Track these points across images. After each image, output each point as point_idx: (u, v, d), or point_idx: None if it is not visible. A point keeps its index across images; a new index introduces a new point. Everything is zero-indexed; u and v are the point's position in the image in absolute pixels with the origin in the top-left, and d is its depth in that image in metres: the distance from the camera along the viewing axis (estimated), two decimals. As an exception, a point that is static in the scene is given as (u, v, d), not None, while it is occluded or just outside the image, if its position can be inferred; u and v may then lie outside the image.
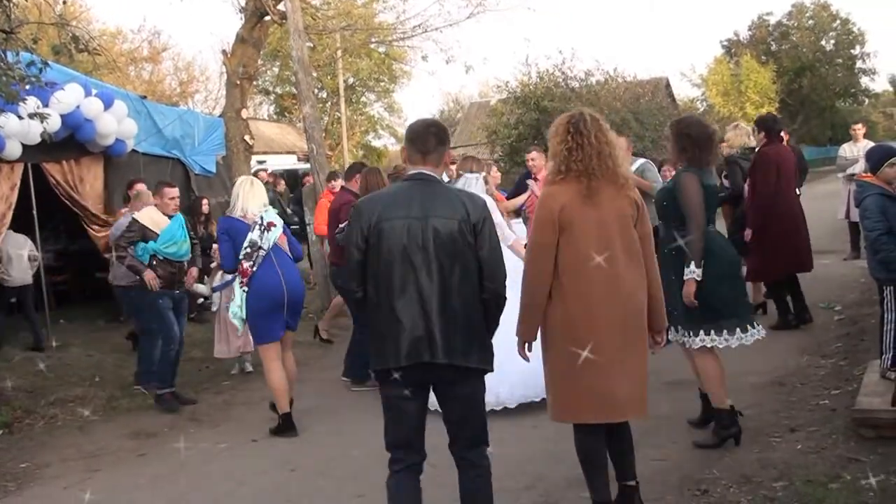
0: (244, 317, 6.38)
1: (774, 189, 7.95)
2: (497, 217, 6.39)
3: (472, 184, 6.88)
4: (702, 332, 5.20)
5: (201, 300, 10.52)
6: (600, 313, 4.01)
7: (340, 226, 7.32)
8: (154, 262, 7.36)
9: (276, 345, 6.44)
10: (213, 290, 8.80)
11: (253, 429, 6.73)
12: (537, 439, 5.73)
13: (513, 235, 6.95)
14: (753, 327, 5.33)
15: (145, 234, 7.34)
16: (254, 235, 6.34)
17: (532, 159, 9.06)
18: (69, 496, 5.60)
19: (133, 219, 7.47)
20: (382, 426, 3.94)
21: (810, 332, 8.01)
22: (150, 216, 7.44)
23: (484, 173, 7.25)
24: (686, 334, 5.27)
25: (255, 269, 6.31)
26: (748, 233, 8.21)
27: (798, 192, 8.73)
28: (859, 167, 9.14)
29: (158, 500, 5.41)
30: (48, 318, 10.00)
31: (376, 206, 3.82)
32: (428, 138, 3.88)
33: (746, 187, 8.36)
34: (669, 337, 4.84)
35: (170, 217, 7.56)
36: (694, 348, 5.27)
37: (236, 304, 6.42)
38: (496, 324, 3.91)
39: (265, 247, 6.35)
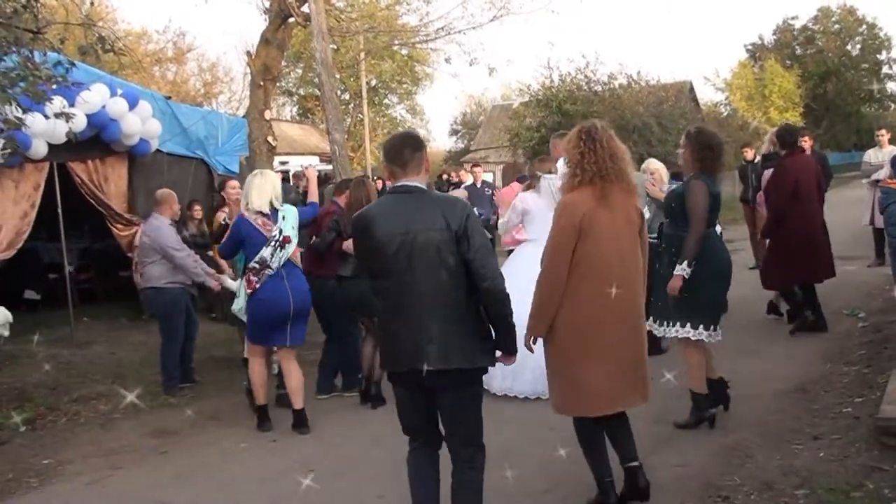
0: (243, 318, 6.61)
1: (790, 199, 7.94)
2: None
3: (554, 185, 6.86)
4: (678, 324, 5.66)
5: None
6: (611, 312, 4.32)
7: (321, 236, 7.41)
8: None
9: (264, 348, 6.72)
10: None
11: (273, 429, 6.76)
12: (557, 442, 5.70)
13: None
14: (716, 329, 5.71)
15: None
16: (265, 253, 6.30)
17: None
18: (91, 493, 5.65)
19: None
20: (402, 427, 4.19)
21: (834, 340, 7.95)
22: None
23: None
24: (667, 325, 5.74)
25: (258, 285, 6.35)
26: (765, 242, 8.49)
27: (822, 199, 8.67)
28: (884, 173, 9.06)
29: (179, 498, 5.44)
30: (72, 316, 10.07)
31: (366, 221, 4.00)
32: (403, 150, 4.04)
33: (759, 196, 8.40)
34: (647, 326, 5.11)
35: None
36: (673, 337, 5.77)
37: (240, 303, 6.57)
38: (506, 319, 3.97)
39: (273, 267, 6.33)
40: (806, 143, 9.98)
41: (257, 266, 6.31)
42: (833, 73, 50.30)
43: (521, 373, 6.65)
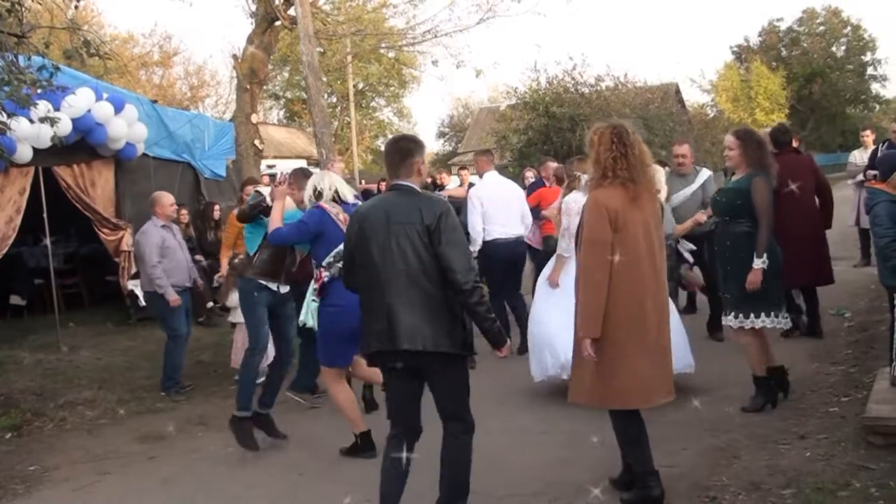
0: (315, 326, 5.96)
1: (778, 200, 7.90)
2: None
3: None
4: (752, 314, 5.98)
5: (210, 304, 10.54)
6: (646, 307, 4.44)
7: None
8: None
9: (343, 370, 6.00)
10: None
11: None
12: (548, 445, 5.73)
13: None
14: (777, 316, 6.10)
15: None
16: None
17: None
18: (77, 499, 5.62)
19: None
20: (390, 432, 4.41)
21: (820, 340, 7.98)
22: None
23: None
24: (737, 317, 6.01)
25: (328, 281, 5.66)
26: None
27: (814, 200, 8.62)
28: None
29: (167, 504, 5.42)
30: (58, 321, 10.02)
31: (360, 213, 4.48)
32: (394, 156, 4.50)
33: None
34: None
35: None
36: (745, 328, 6.01)
37: (305, 313, 6.04)
38: (475, 309, 4.27)
39: None
40: (797, 146, 9.98)
41: (333, 261, 5.64)
42: (818, 74, 50.54)
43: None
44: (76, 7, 7.72)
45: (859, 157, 11.97)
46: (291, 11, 13.66)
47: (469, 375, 4.49)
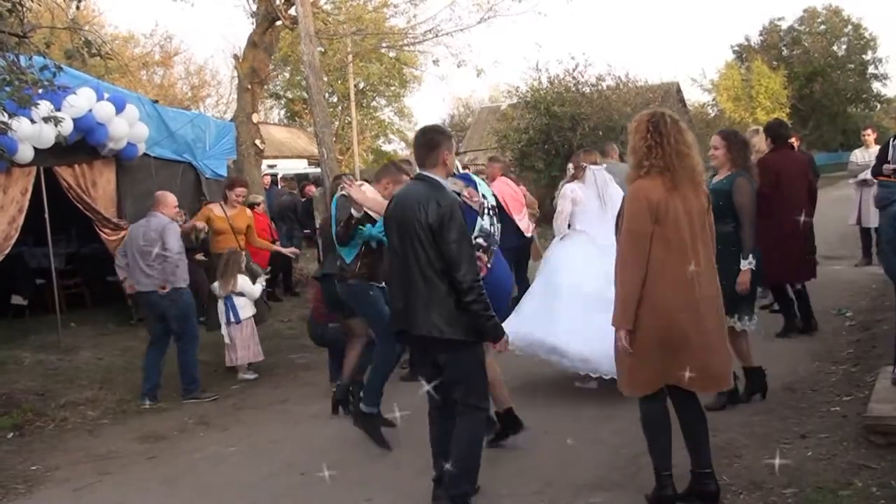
0: None
1: (769, 196, 7.91)
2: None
3: (598, 175, 7.07)
4: (746, 317, 6.09)
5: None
6: (688, 297, 4.31)
7: None
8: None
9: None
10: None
11: (261, 433, 6.75)
12: (549, 444, 5.72)
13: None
14: (752, 319, 6.19)
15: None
16: (485, 223, 5.40)
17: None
18: (78, 499, 5.62)
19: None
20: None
21: (821, 338, 7.97)
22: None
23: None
24: (731, 317, 5.90)
25: (490, 264, 5.39)
26: None
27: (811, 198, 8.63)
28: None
29: (168, 504, 5.43)
30: (59, 321, 10.03)
31: (392, 202, 4.78)
32: (419, 149, 4.71)
33: None
34: None
35: None
36: (737, 330, 6.02)
37: None
38: (471, 306, 4.39)
39: (497, 239, 5.51)
40: (793, 143, 9.99)
41: (483, 243, 5.35)
42: (819, 73, 50.57)
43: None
44: (77, 7, 7.72)
45: (860, 156, 11.95)
46: (292, 11, 13.65)
47: (483, 363, 4.64)
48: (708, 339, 4.36)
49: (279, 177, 18.63)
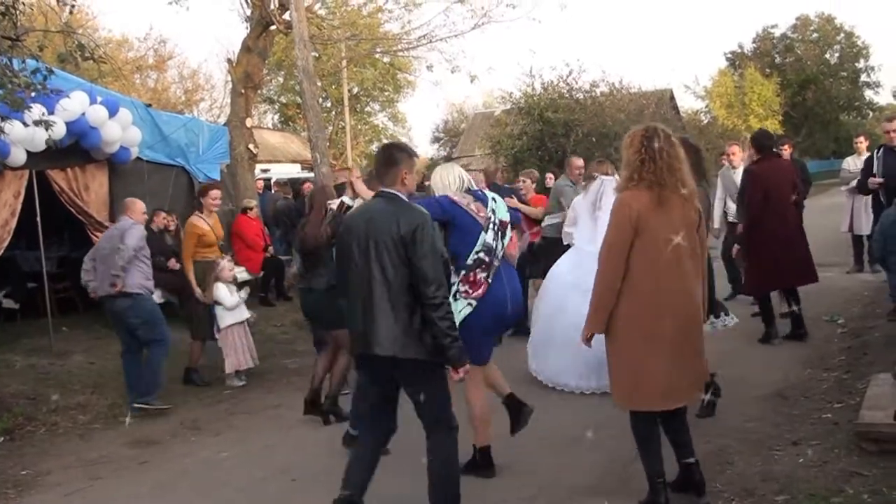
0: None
1: (760, 205, 7.96)
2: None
3: (608, 185, 7.06)
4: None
5: None
6: (666, 308, 4.37)
7: None
8: None
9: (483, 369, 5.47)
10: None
11: (254, 438, 6.73)
12: (543, 450, 5.72)
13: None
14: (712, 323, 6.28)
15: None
16: (488, 238, 5.29)
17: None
18: (69, 504, 5.61)
19: None
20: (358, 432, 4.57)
21: (813, 345, 7.99)
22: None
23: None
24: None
25: (490, 281, 5.27)
26: (735, 248, 8.78)
27: (802, 206, 8.68)
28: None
29: (159, 509, 5.41)
30: (51, 325, 9.99)
31: (348, 219, 4.66)
32: (377, 167, 4.66)
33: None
34: None
35: None
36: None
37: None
38: (437, 323, 4.26)
39: (500, 255, 5.36)
40: (786, 150, 10.03)
41: (485, 258, 5.26)
42: (812, 81, 50.73)
43: (574, 366, 6.96)
44: (70, 10, 7.71)
45: (853, 163, 11.98)
46: (286, 16, 13.65)
47: (447, 382, 4.47)
48: (683, 352, 4.42)
49: (273, 181, 18.57)
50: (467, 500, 4.67)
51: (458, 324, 4.93)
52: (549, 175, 12.57)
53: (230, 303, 8.35)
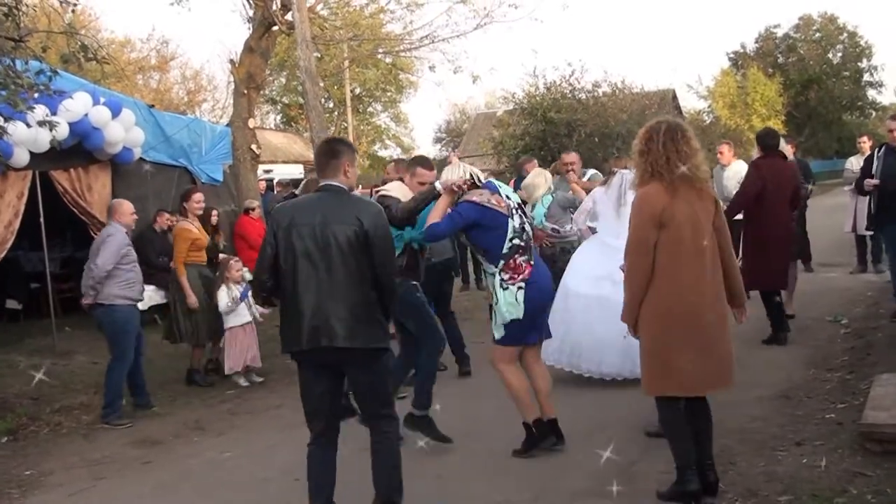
0: (520, 316, 5.44)
1: (753, 201, 7.95)
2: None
3: (624, 178, 7.18)
4: None
5: None
6: (693, 298, 4.46)
7: None
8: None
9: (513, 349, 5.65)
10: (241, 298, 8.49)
11: (256, 438, 6.73)
12: (545, 452, 5.71)
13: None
14: None
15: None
16: (515, 224, 5.46)
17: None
18: (73, 504, 5.61)
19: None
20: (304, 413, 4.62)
21: (816, 346, 7.98)
22: (402, 192, 6.18)
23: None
24: None
25: (533, 263, 5.49)
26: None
27: (806, 206, 8.67)
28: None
29: (162, 509, 5.41)
30: (54, 326, 10.01)
31: (288, 212, 4.51)
32: (320, 157, 4.64)
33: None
34: None
35: None
36: None
37: (509, 303, 5.43)
38: (391, 303, 4.57)
39: (531, 235, 5.59)
40: (789, 150, 10.03)
41: (521, 242, 5.43)
42: (815, 80, 50.64)
43: (609, 354, 7.03)
44: (73, 12, 7.72)
45: (856, 163, 11.96)
46: (289, 16, 13.66)
47: (387, 371, 4.73)
48: (708, 341, 4.50)
49: (275, 182, 18.59)
50: (471, 500, 4.69)
51: (520, 307, 5.38)
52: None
53: (223, 307, 8.35)
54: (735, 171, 10.44)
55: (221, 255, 9.35)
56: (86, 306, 7.50)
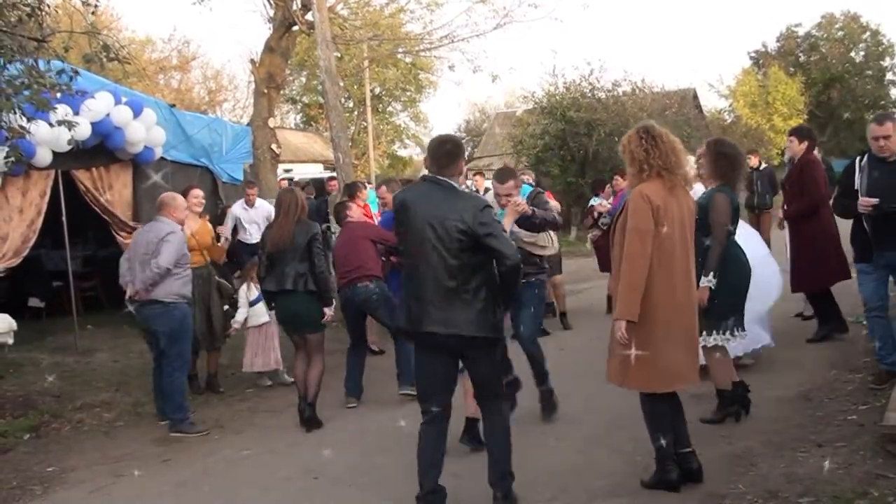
0: None
1: (821, 197, 7.89)
2: None
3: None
4: (704, 332, 5.62)
5: None
6: (680, 295, 4.64)
7: None
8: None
9: None
10: (252, 302, 8.41)
11: (276, 436, 6.76)
12: (562, 451, 5.72)
13: None
14: (735, 333, 5.93)
15: None
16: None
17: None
18: (94, 501, 5.66)
19: None
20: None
21: (838, 347, 7.92)
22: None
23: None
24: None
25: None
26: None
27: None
28: None
29: (182, 506, 5.44)
30: (76, 324, 10.09)
31: (405, 202, 4.73)
32: (440, 158, 4.74)
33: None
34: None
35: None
36: (706, 346, 5.82)
37: None
38: (513, 291, 4.79)
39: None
40: (754, 161, 10.11)
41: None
42: (837, 79, 50.23)
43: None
44: (94, 12, 7.77)
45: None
46: (309, 16, 13.71)
47: (501, 358, 4.89)
48: (694, 338, 4.83)
49: (294, 181, 18.65)
50: (487, 499, 4.68)
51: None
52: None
53: (241, 304, 8.41)
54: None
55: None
56: (134, 304, 7.13)
